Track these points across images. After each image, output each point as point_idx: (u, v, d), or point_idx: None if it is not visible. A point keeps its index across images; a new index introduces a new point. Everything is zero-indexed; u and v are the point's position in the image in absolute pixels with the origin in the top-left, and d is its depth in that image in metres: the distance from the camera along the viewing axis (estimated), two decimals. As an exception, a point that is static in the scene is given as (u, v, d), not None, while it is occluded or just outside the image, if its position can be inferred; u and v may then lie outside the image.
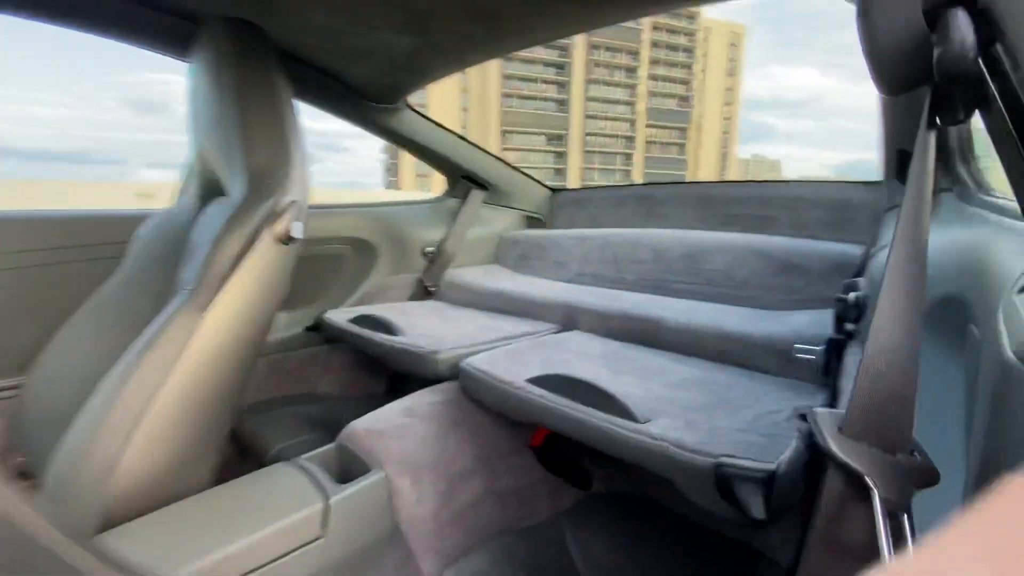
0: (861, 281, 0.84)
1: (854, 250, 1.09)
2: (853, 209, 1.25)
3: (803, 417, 0.69)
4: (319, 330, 1.36)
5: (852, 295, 0.82)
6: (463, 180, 1.74)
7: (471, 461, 0.90)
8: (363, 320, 1.23)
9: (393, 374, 1.57)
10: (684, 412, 0.70)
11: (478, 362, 0.93)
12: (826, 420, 0.36)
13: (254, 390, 1.37)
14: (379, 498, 0.75)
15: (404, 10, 0.93)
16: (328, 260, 1.50)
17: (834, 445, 0.34)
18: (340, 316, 1.30)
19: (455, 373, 0.99)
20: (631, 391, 0.78)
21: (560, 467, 1.03)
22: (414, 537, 0.79)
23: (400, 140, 1.54)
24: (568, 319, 1.22)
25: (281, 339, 1.41)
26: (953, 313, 0.50)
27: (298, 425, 1.26)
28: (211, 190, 1.01)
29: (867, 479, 0.33)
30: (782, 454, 0.58)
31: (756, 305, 1.14)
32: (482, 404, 0.91)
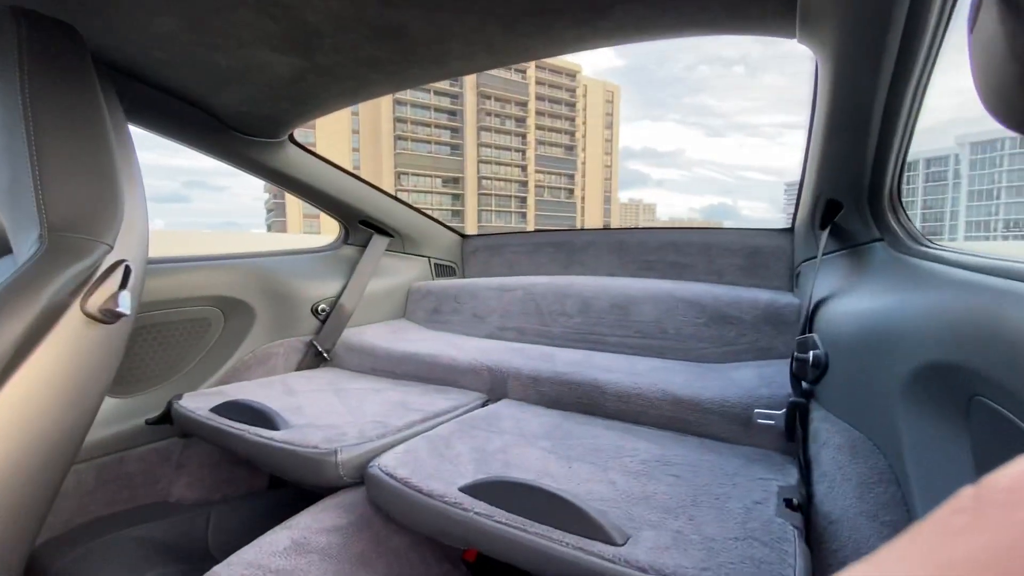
0: (815, 338, 0.78)
1: (782, 298, 1.09)
2: (766, 255, 1.27)
3: (788, 502, 0.63)
4: (168, 422, 1.05)
5: (811, 354, 0.76)
6: (361, 226, 1.53)
7: None
8: (229, 409, 0.96)
9: (277, 480, 1.27)
10: (664, 518, 0.60)
11: (392, 463, 0.73)
12: None
13: (72, 509, 1.02)
14: None
15: (284, 23, 0.73)
16: (184, 328, 1.19)
17: None
18: (198, 403, 1.01)
19: (360, 478, 0.79)
20: (595, 489, 0.65)
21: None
22: None
23: (284, 181, 1.30)
24: (495, 384, 1.08)
25: (115, 434, 1.07)
26: (950, 381, 0.45)
27: (141, 557, 0.95)
28: None
29: None
30: (794, 571, 0.50)
31: (692, 358, 1.09)
32: (399, 523, 0.71)
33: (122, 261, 0.64)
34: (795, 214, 1.17)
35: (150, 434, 1.11)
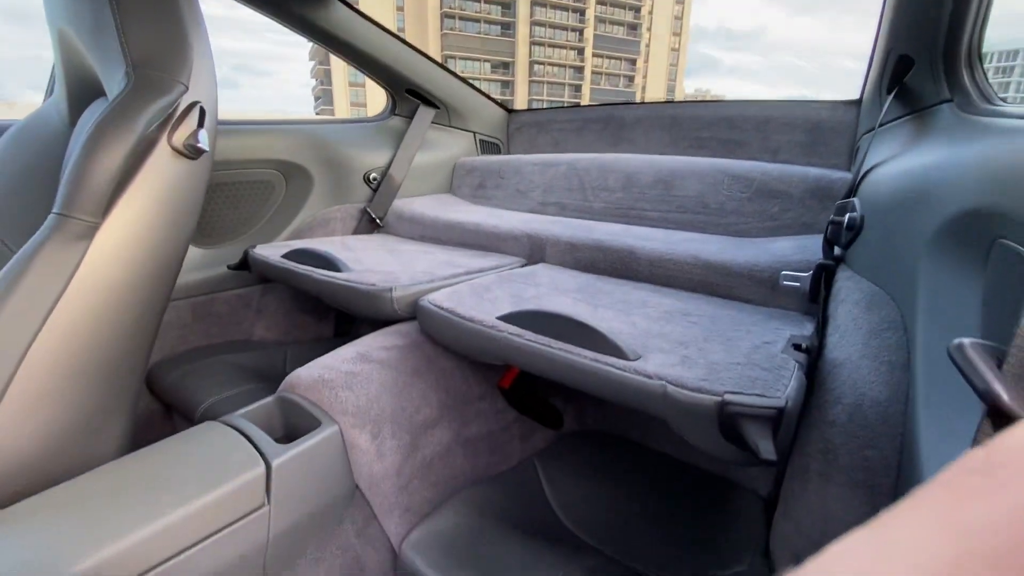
0: (855, 201, 0.78)
1: (833, 174, 1.04)
2: (828, 131, 1.19)
3: (797, 347, 0.66)
4: (247, 268, 1.18)
5: (847, 216, 0.76)
6: (408, 96, 1.53)
7: (436, 409, 0.81)
8: (299, 255, 1.07)
9: (340, 314, 1.43)
10: (675, 347, 0.64)
11: (440, 299, 0.82)
12: (980, 353, 0.28)
13: (176, 339, 1.20)
14: (332, 456, 0.67)
15: None
16: (252, 188, 1.29)
17: (998, 386, 0.25)
18: (271, 252, 1.13)
19: (413, 312, 0.88)
20: (615, 326, 0.71)
21: (531, 407, 0.97)
22: (376, 496, 0.71)
23: (332, 42, 1.30)
24: (534, 250, 1.13)
25: (205, 279, 1.22)
26: (977, 227, 0.45)
27: (231, 376, 1.12)
28: (85, 88, 0.79)
29: None
30: (787, 388, 0.53)
31: (732, 232, 1.08)
32: (446, 346, 0.82)
33: (197, 102, 0.70)
34: (864, 81, 1.08)
35: (232, 280, 1.25)
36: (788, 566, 0.53)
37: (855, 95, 1.15)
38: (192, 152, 0.68)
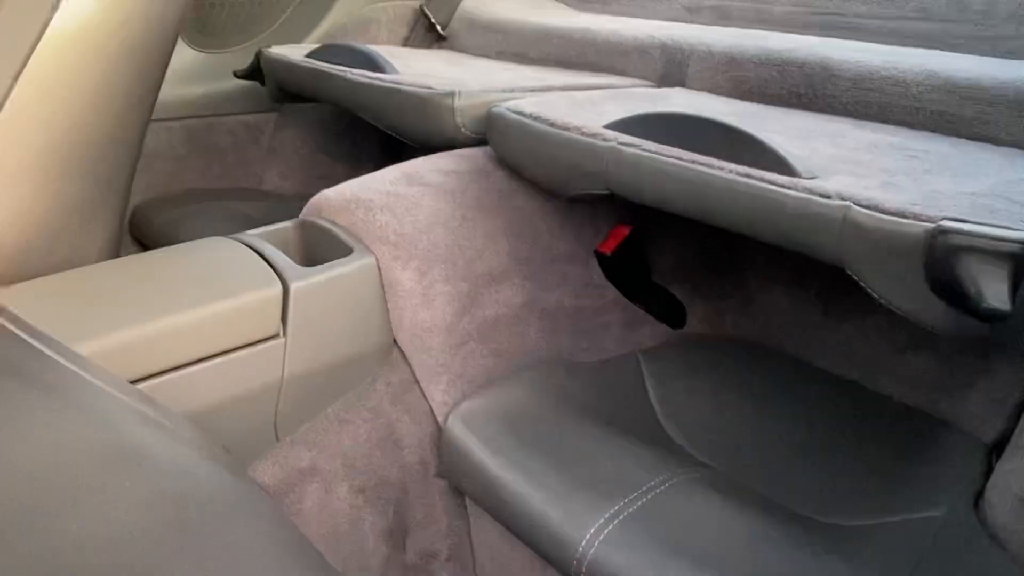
0: None
1: None
2: None
3: None
4: (259, 78, 0.94)
5: None
6: None
7: (505, 260, 0.62)
8: (328, 52, 0.82)
9: (382, 151, 1.14)
10: (875, 173, 0.49)
11: (521, 105, 0.62)
12: None
13: (167, 174, 1.00)
14: (365, 294, 0.56)
15: None
16: None
17: None
18: (291, 52, 0.88)
19: (482, 133, 0.67)
20: (785, 147, 0.52)
21: (641, 291, 0.73)
22: (419, 354, 0.58)
23: None
24: (670, 68, 0.82)
25: (204, 95, 1.00)
26: None
27: (237, 227, 0.97)
28: None
29: None
30: None
31: (1003, 52, 0.76)
32: (524, 169, 0.63)
33: None
34: None
35: (239, 102, 1.03)
36: (1011, 511, 0.44)
37: None
38: None
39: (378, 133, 0.81)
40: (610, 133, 0.54)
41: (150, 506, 0.26)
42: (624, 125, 0.55)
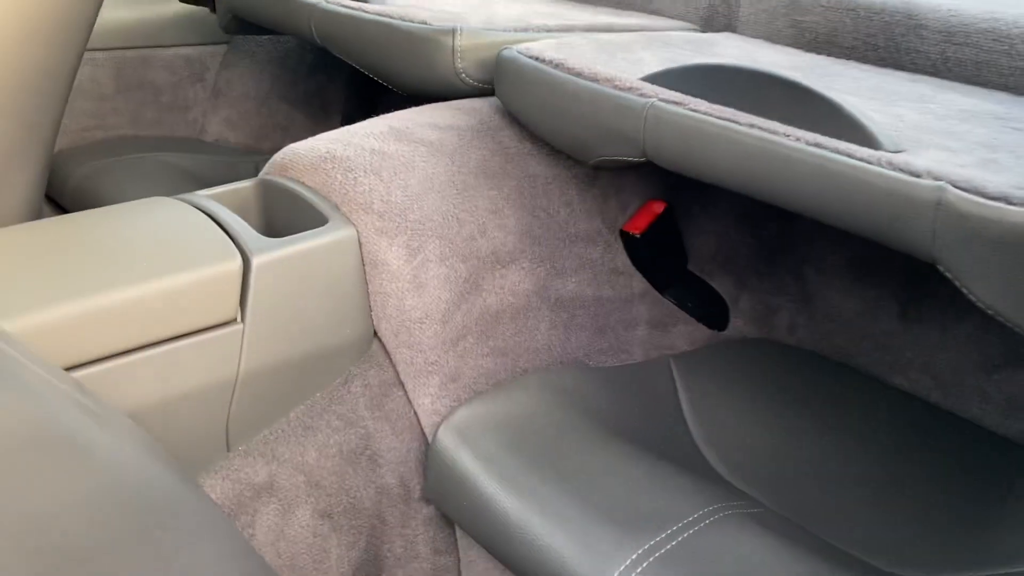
0: None
1: None
2: None
3: None
4: (209, 3, 0.87)
5: None
6: None
7: (512, 238, 0.57)
8: None
9: (352, 97, 1.06)
10: (973, 148, 0.45)
11: (538, 49, 0.56)
12: None
13: (89, 117, 0.92)
14: (341, 271, 0.51)
15: None
16: None
17: None
18: None
19: (487, 81, 0.61)
20: (864, 111, 0.48)
21: (675, 282, 0.67)
22: (405, 349, 0.52)
23: None
24: (715, 13, 0.77)
25: (137, 22, 0.92)
26: None
27: (174, 183, 0.86)
28: None
29: None
30: None
31: None
32: (540, 126, 0.57)
33: None
34: None
35: (180, 32, 0.94)
36: None
37: None
38: None
39: (348, 75, 0.71)
40: (649, 87, 0.49)
41: (89, 502, 0.23)
42: (665, 78, 0.50)
